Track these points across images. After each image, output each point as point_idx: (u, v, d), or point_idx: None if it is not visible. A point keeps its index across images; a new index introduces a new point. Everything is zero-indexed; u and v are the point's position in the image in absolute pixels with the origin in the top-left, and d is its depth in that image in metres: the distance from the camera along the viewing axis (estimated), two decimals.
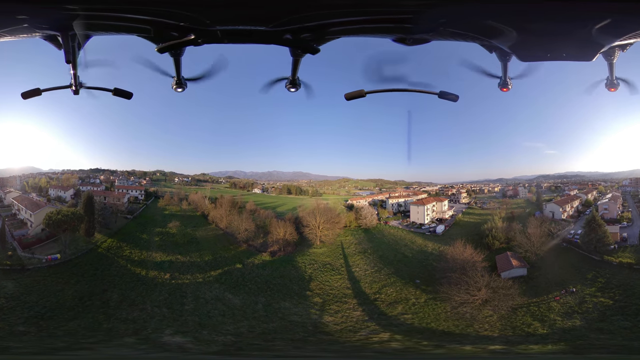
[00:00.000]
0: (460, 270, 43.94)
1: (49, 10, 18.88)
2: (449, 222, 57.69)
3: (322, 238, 53.28)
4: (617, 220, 52.36)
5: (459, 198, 61.42)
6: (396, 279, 47.67)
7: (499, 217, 53.34)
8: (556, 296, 40.83)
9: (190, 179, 72.15)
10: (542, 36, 21.38)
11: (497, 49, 24.40)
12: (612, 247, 46.60)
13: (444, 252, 49.94)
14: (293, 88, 27.72)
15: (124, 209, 59.01)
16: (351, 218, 57.00)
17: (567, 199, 56.63)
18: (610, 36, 21.02)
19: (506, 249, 49.60)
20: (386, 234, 57.38)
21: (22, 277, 45.11)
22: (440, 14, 19.88)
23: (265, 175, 72.60)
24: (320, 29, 20.87)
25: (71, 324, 37.05)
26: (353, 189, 67.00)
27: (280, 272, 49.50)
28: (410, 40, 22.97)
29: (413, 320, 40.98)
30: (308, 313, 41.67)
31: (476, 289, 41.55)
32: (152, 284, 45.90)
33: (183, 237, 54.45)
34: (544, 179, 63.87)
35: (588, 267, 45.01)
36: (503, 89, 28.73)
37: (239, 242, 54.13)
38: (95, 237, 52.98)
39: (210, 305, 42.19)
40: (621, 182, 59.98)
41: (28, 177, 67.76)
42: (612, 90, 29.20)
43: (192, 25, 19.89)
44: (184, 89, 27.86)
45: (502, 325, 38.14)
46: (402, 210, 60.58)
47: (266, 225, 55.32)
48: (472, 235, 53.85)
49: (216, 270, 49.45)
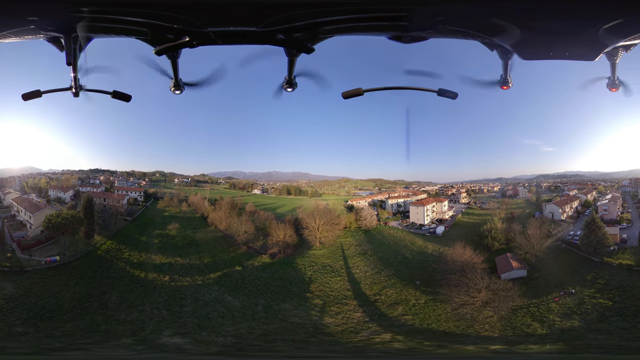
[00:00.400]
0: (460, 272, 44.02)
1: (57, 11, 19.18)
2: (449, 223, 57.59)
3: (321, 240, 53.19)
4: (616, 221, 52.30)
5: (458, 198, 61.31)
6: (396, 281, 47.74)
7: (499, 218, 53.27)
8: (555, 297, 40.93)
9: (189, 180, 72.02)
10: (546, 35, 21.30)
11: (499, 46, 24.25)
12: (611, 249, 46.58)
13: (443, 253, 49.93)
14: (290, 88, 27.73)
15: (123, 211, 58.86)
16: (351, 219, 56.84)
17: (567, 199, 56.53)
18: (616, 36, 21.02)
19: (506, 250, 49.62)
20: (386, 235, 57.28)
21: (21, 279, 45.30)
22: (438, 11, 19.77)
23: (265, 176, 72.49)
24: (311, 28, 20.78)
25: (69, 325, 37.27)
26: (353, 189, 66.88)
27: (280, 274, 49.47)
28: (407, 38, 22.97)
29: (414, 321, 41.08)
30: (309, 314, 41.68)
31: (476, 290, 41.66)
32: (151, 286, 45.89)
33: (182, 239, 54.42)
34: (543, 178, 63.81)
35: (587, 268, 45.05)
36: (503, 86, 28.58)
37: (239, 244, 53.99)
38: (94, 239, 52.91)
39: (210, 307, 42.14)
40: (621, 182, 59.89)
41: (28, 177, 67.61)
42: (614, 90, 29.18)
43: (187, 28, 20.08)
44: (181, 92, 28.02)
45: (502, 326, 38.27)
46: (401, 210, 60.47)
47: (266, 227, 55.19)
48: (471, 236, 53.79)
49: (215, 273, 49.41)
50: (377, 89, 29.04)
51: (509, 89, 28.77)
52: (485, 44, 24.28)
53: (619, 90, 29.66)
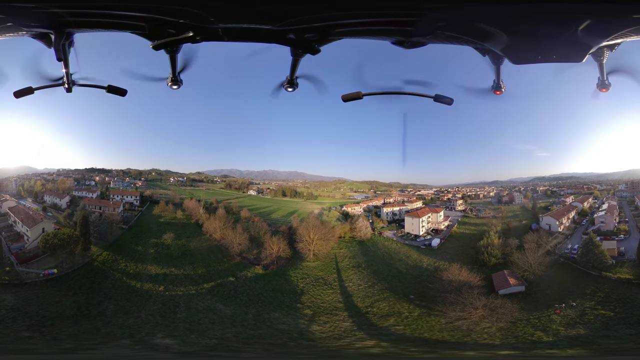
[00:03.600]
0: (455, 291, 43.90)
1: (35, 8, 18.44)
2: (445, 234, 57.18)
3: (315, 251, 53.31)
4: (613, 233, 51.84)
5: (454, 205, 60.67)
6: (389, 294, 47.89)
7: (495, 232, 52.63)
8: (556, 310, 40.77)
9: (185, 179, 71.67)
10: (532, 39, 21.21)
11: (490, 52, 24.50)
12: (609, 263, 46.32)
13: (439, 268, 49.97)
14: (290, 88, 27.99)
15: (119, 219, 59.06)
16: (346, 229, 56.67)
17: (564, 210, 55.77)
18: (596, 37, 20.91)
19: (503, 265, 49.42)
20: (380, 247, 57.17)
21: (20, 290, 46.20)
22: (439, 17, 19.60)
23: (260, 175, 72.01)
24: (324, 30, 20.74)
25: (71, 330, 38.89)
26: (348, 191, 66.36)
27: (272, 285, 50.10)
28: (408, 44, 23.09)
29: (404, 330, 41.52)
30: (296, 323, 42.74)
31: (473, 308, 41.62)
32: (147, 296, 47.06)
33: (177, 249, 54.75)
34: (539, 181, 62.84)
35: (586, 282, 44.96)
36: (496, 91, 28.78)
37: (233, 255, 54.29)
38: (91, 250, 53.38)
39: (201, 314, 43.61)
40: (617, 187, 58.73)
41: (23, 178, 67.61)
42: (604, 90, 29.11)
43: (192, 23, 19.66)
44: (179, 86, 27.84)
45: (503, 335, 38.36)
46: (396, 219, 60.07)
47: (260, 236, 55.32)
48: (467, 249, 53.92)
49: (209, 283, 50.17)
50: (376, 93, 29.74)
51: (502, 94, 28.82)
52: (478, 49, 24.55)
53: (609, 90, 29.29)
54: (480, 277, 46.49)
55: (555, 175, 60.85)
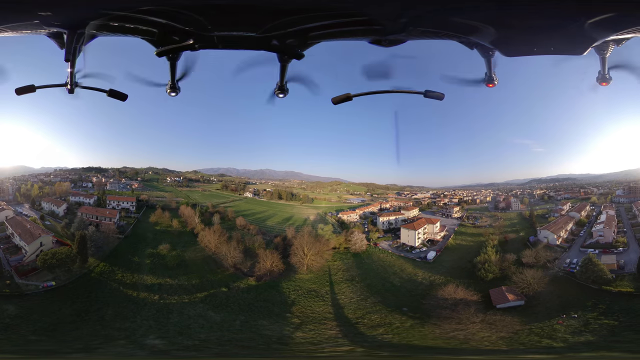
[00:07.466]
0: (451, 307, 43.99)
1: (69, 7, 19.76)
2: (441, 245, 56.67)
3: (309, 265, 53.65)
4: (612, 245, 51.03)
5: (450, 212, 59.99)
6: (382, 307, 48.28)
7: (492, 247, 52.00)
8: (558, 320, 40.75)
9: (182, 179, 71.31)
10: (526, 31, 20.83)
11: (478, 45, 24.32)
12: (609, 278, 45.87)
13: (434, 282, 49.93)
14: (282, 94, 28.78)
15: (115, 229, 59.57)
16: (341, 240, 56.68)
17: (561, 222, 54.96)
18: (605, 31, 20.43)
19: (500, 279, 49.03)
20: (375, 260, 56.95)
21: (21, 301, 48.23)
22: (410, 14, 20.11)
23: (257, 174, 71.36)
24: (301, 34, 21.57)
25: (74, 333, 42.09)
26: (344, 194, 65.78)
27: (264, 295, 51.24)
28: (386, 42, 23.73)
29: (393, 339, 42.16)
30: (282, 329, 44.32)
31: (470, 322, 41.72)
32: (142, 304, 49.00)
33: (172, 259, 55.61)
34: (536, 183, 61.30)
35: (586, 295, 44.76)
36: (489, 84, 28.39)
37: (226, 266, 54.92)
38: (88, 261, 54.18)
39: (192, 320, 45.91)
40: (614, 193, 57.08)
41: (20, 180, 67.56)
42: (604, 84, 28.92)
43: (194, 30, 20.77)
44: (177, 94, 29.03)
45: (506, 343, 38.46)
46: (392, 228, 59.72)
47: (254, 248, 55.65)
48: (464, 262, 53.65)
49: (202, 293, 51.49)
50: (365, 93, 29.86)
51: (496, 87, 28.61)
52: (463, 43, 24.39)
53: (610, 85, 29.17)
54: (478, 295, 46.39)
55: (552, 177, 59.27)
